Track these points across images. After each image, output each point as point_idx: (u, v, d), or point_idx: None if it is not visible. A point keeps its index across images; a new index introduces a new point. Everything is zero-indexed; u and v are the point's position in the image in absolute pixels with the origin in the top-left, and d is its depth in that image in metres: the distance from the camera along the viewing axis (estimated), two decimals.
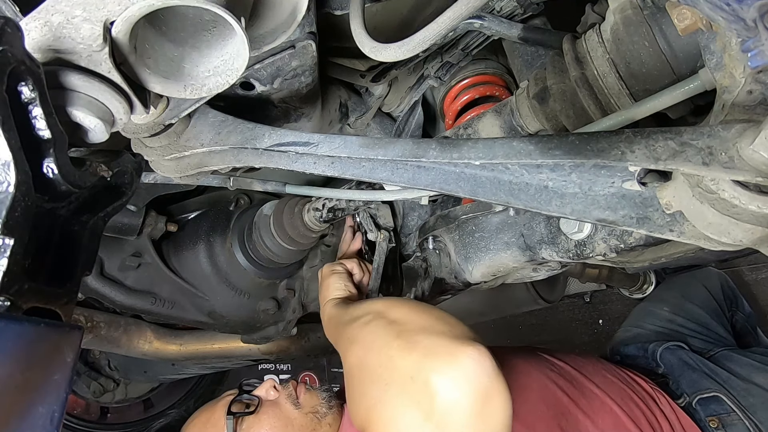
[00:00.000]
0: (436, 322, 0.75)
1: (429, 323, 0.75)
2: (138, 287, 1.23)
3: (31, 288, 0.45)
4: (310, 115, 1.04)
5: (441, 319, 0.76)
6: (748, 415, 1.24)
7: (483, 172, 0.69)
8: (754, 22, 0.41)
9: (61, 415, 0.43)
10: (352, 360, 0.81)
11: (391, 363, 0.71)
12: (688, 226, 0.61)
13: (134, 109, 0.63)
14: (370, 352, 0.77)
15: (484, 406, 0.65)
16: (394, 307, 0.83)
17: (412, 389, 0.67)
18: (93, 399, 1.93)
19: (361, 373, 0.77)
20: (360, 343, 0.81)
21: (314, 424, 1.11)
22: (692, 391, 1.33)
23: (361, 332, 0.82)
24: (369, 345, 0.78)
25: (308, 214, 1.13)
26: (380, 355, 0.74)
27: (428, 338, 0.71)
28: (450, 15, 0.64)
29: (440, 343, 0.69)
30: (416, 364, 0.68)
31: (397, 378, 0.69)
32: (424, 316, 0.78)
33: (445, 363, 0.66)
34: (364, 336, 0.80)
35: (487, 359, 0.67)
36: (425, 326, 0.74)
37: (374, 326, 0.80)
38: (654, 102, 0.71)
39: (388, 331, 0.76)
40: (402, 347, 0.71)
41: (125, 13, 0.52)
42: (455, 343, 0.68)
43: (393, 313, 0.80)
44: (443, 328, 0.73)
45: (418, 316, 0.78)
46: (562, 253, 0.89)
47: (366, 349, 0.78)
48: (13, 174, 0.41)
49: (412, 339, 0.72)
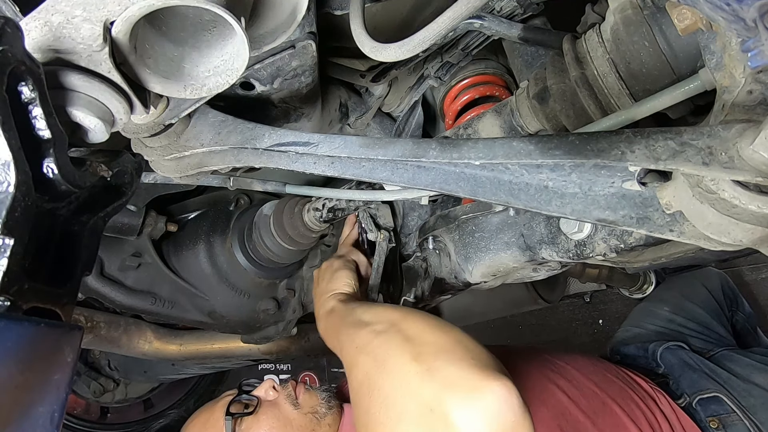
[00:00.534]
0: (457, 346, 0.69)
1: (449, 346, 0.69)
2: (138, 287, 1.23)
3: (31, 288, 0.45)
4: (310, 115, 1.04)
5: (461, 343, 0.70)
6: (749, 416, 1.24)
7: (483, 172, 0.69)
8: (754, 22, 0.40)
9: (61, 415, 0.43)
10: (361, 375, 0.75)
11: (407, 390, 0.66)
12: (688, 226, 0.61)
13: (134, 109, 0.63)
14: (383, 373, 0.71)
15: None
16: (409, 320, 0.77)
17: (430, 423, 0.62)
18: (93, 399, 1.93)
19: (371, 394, 0.71)
20: (371, 355, 0.75)
21: (313, 424, 1.10)
22: (692, 391, 1.33)
23: (372, 343, 0.76)
24: (381, 362, 0.72)
25: (308, 214, 1.13)
26: (394, 378, 0.68)
27: (449, 366, 0.65)
28: (450, 15, 0.64)
29: (463, 374, 0.64)
30: (436, 396, 0.62)
31: (413, 409, 0.64)
32: (444, 337, 0.71)
33: (468, 398, 0.61)
34: (376, 348, 0.74)
35: (514, 396, 0.61)
36: (445, 349, 0.68)
37: (388, 339, 0.74)
38: (654, 102, 0.71)
39: (404, 350, 0.70)
40: (420, 374, 0.65)
41: (125, 13, 0.52)
42: (480, 375, 0.63)
43: (409, 328, 0.74)
44: (464, 354, 0.67)
45: (436, 336, 0.72)
46: (562, 253, 0.89)
47: (378, 367, 0.72)
48: (13, 174, 0.41)
49: (431, 365, 0.66)
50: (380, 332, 0.76)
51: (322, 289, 1.07)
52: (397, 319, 0.78)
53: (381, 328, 0.77)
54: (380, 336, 0.75)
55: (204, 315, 1.28)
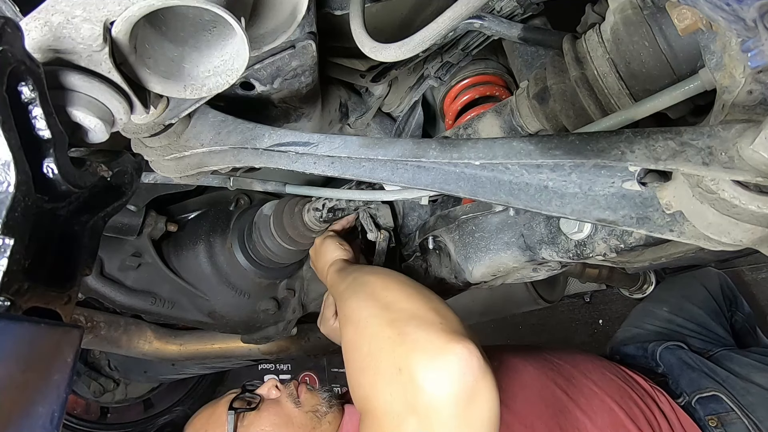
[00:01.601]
0: (429, 312, 0.75)
1: (422, 312, 0.75)
2: (138, 287, 1.23)
3: (31, 288, 0.45)
4: (310, 115, 1.04)
5: (433, 309, 0.76)
6: (747, 414, 1.24)
7: (483, 172, 0.69)
8: (754, 22, 0.40)
9: (61, 415, 0.43)
10: (346, 339, 0.83)
11: (381, 353, 0.72)
12: (688, 226, 0.61)
13: (134, 109, 0.63)
14: (362, 338, 0.78)
15: (469, 405, 0.65)
16: (388, 288, 0.84)
17: (399, 381, 0.68)
18: (93, 399, 1.93)
19: (354, 357, 0.80)
20: (353, 323, 0.82)
21: (314, 422, 1.12)
22: (691, 390, 1.33)
23: (355, 312, 0.83)
24: (361, 329, 0.79)
25: (308, 214, 1.13)
26: (371, 343, 0.76)
27: (418, 331, 0.71)
28: (450, 15, 0.64)
29: (430, 338, 0.69)
30: (404, 358, 0.68)
31: (385, 369, 0.70)
32: (417, 303, 0.78)
33: (432, 359, 0.66)
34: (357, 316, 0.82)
35: (474, 358, 0.66)
36: (417, 315, 0.75)
37: (366, 308, 0.81)
38: (654, 102, 0.71)
39: (381, 317, 0.77)
40: (392, 339, 0.72)
41: (125, 13, 0.52)
42: (445, 338, 0.68)
43: (387, 295, 0.81)
44: (435, 319, 0.73)
45: (410, 302, 0.79)
46: (562, 253, 0.89)
47: (358, 333, 0.80)
48: (13, 174, 0.41)
49: (403, 330, 0.72)
50: (361, 300, 0.84)
51: (320, 269, 1.13)
52: (377, 287, 0.85)
53: (362, 296, 0.85)
54: (361, 304, 0.83)
55: (204, 315, 1.28)
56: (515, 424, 1.03)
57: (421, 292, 0.82)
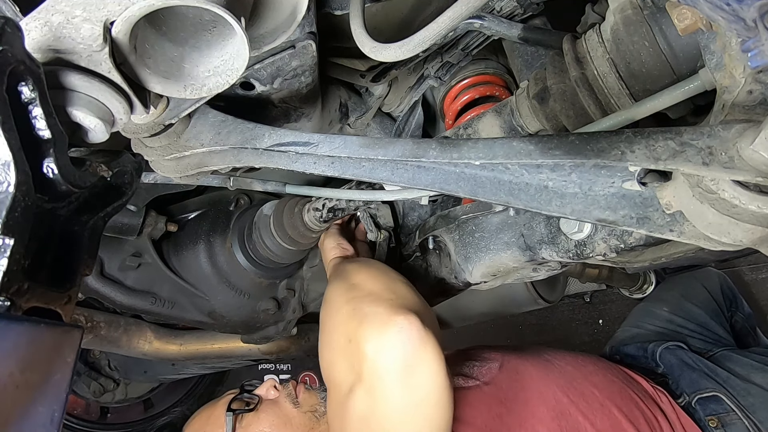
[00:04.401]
0: (385, 291, 0.80)
1: (379, 290, 0.80)
2: (138, 287, 1.23)
3: (31, 288, 0.45)
4: (310, 115, 1.04)
5: (390, 288, 0.81)
6: (748, 415, 1.24)
7: (483, 172, 0.69)
8: (754, 22, 0.40)
9: (61, 415, 0.43)
10: (320, 319, 0.89)
11: (337, 326, 0.79)
12: (688, 226, 0.61)
13: (134, 109, 0.63)
14: (328, 315, 0.85)
15: (410, 373, 0.69)
16: (357, 272, 0.89)
17: (348, 353, 0.73)
18: (93, 399, 1.93)
19: (321, 333, 0.86)
20: (325, 303, 0.88)
21: (312, 422, 1.12)
22: (691, 390, 1.33)
23: (328, 294, 0.89)
24: (329, 307, 0.86)
25: (308, 214, 1.13)
26: (332, 319, 0.82)
27: (370, 306, 0.76)
28: (450, 15, 0.64)
29: (378, 311, 0.74)
30: (353, 330, 0.74)
31: (339, 342, 0.76)
32: (378, 283, 0.83)
33: (374, 330, 0.71)
34: (328, 296, 0.88)
35: (414, 329, 0.70)
36: (374, 293, 0.80)
37: (336, 290, 0.87)
38: (654, 102, 0.71)
39: (345, 296, 0.82)
40: (348, 313, 0.78)
41: (125, 13, 0.52)
42: (389, 312, 0.73)
43: (355, 277, 0.87)
44: (389, 296, 0.78)
45: (373, 282, 0.84)
46: (562, 253, 0.89)
47: (327, 311, 0.86)
48: (13, 174, 0.41)
49: (357, 306, 0.78)
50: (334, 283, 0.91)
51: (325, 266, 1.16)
52: (351, 272, 0.91)
53: (337, 280, 0.91)
54: (333, 286, 0.90)
55: (204, 315, 1.28)
56: (515, 425, 1.03)
57: (386, 275, 0.88)
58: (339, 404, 0.76)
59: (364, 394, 0.70)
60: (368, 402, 0.71)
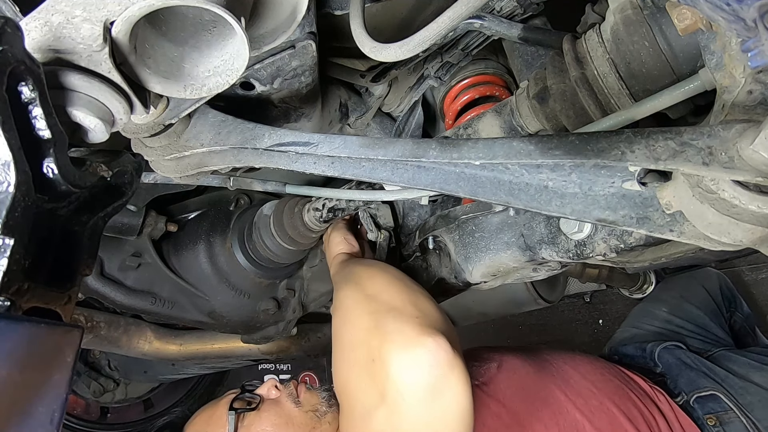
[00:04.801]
0: (408, 306, 0.77)
1: (401, 305, 0.77)
2: (138, 287, 1.23)
3: (31, 288, 0.45)
4: (310, 115, 1.04)
5: (413, 303, 0.77)
6: (746, 413, 1.25)
7: (483, 172, 0.69)
8: (754, 22, 0.40)
9: (61, 415, 0.43)
10: (334, 327, 0.85)
11: (359, 341, 0.75)
12: (688, 226, 0.61)
13: (134, 109, 0.63)
14: (344, 327, 0.81)
15: (436, 397, 0.66)
16: (373, 279, 0.86)
17: (372, 371, 0.70)
18: (93, 399, 1.93)
19: (336, 345, 0.83)
20: (339, 312, 0.85)
21: (314, 422, 1.12)
22: (690, 389, 1.33)
23: (343, 302, 0.86)
24: (344, 318, 0.82)
25: (308, 214, 1.13)
26: (351, 332, 0.79)
27: (395, 322, 0.73)
28: (450, 15, 0.64)
29: (404, 329, 0.71)
30: (378, 348, 0.70)
31: (361, 358, 0.73)
32: (399, 296, 0.80)
33: (402, 350, 0.68)
34: (343, 305, 0.85)
35: (443, 351, 0.68)
36: (396, 307, 0.76)
37: (351, 298, 0.84)
38: (654, 102, 0.71)
39: (363, 308, 0.79)
40: (369, 329, 0.74)
41: (125, 13, 0.52)
42: (417, 331, 0.70)
43: (372, 286, 0.84)
44: (413, 312, 0.75)
45: (392, 294, 0.80)
46: (562, 253, 0.89)
47: (342, 322, 0.83)
48: (13, 174, 0.41)
49: (380, 321, 0.74)
50: (348, 293, 0.86)
51: (328, 259, 1.15)
52: (364, 278, 0.88)
53: (350, 286, 0.87)
54: (348, 296, 0.86)
55: (204, 315, 1.28)
56: (514, 425, 1.03)
57: (406, 285, 0.84)
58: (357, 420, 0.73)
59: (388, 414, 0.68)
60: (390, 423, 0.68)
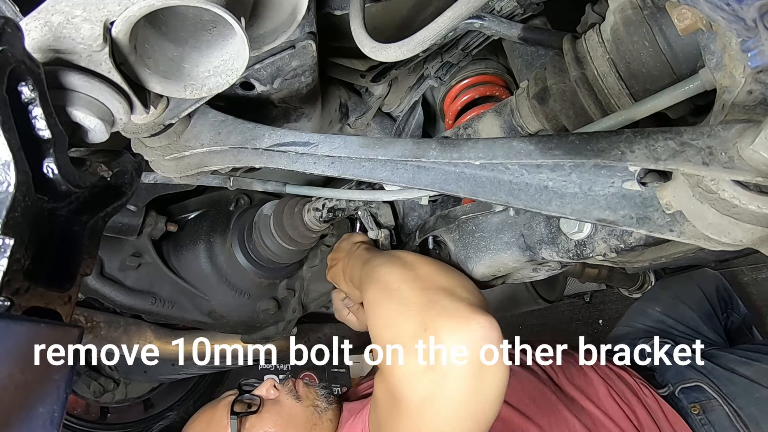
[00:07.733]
0: (457, 288, 0.81)
1: (451, 287, 0.81)
2: (138, 287, 1.23)
3: (31, 288, 0.45)
4: (310, 115, 1.04)
5: (462, 286, 0.82)
6: (728, 402, 1.29)
7: (483, 172, 0.69)
8: (754, 22, 0.40)
9: (61, 415, 0.43)
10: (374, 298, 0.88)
11: (409, 314, 0.77)
12: (688, 226, 0.61)
13: (134, 109, 0.63)
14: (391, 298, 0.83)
15: (482, 374, 0.69)
16: (421, 261, 0.90)
17: (423, 338, 0.72)
18: (93, 399, 1.93)
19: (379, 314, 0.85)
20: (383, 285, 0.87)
21: (315, 418, 1.13)
22: (676, 381, 1.38)
23: (387, 276, 0.88)
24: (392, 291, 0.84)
25: (308, 214, 1.13)
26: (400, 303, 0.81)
27: (447, 300, 0.77)
28: (450, 15, 0.64)
29: (458, 306, 0.75)
30: (432, 319, 0.74)
31: (410, 327, 0.75)
32: (448, 279, 0.84)
33: (457, 324, 0.72)
34: (389, 279, 0.87)
35: (494, 331, 0.72)
36: (448, 288, 0.80)
37: (399, 274, 0.87)
38: (654, 102, 0.71)
39: (414, 285, 0.82)
40: (422, 303, 0.78)
41: (125, 13, 0.52)
42: (471, 309, 0.74)
43: (421, 268, 0.88)
44: (463, 294, 0.79)
45: (442, 277, 0.85)
46: (562, 253, 0.89)
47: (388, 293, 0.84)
48: (13, 174, 0.41)
49: (432, 297, 0.78)
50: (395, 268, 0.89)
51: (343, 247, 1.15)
52: (411, 260, 0.91)
53: (397, 265, 0.90)
54: (395, 271, 0.89)
55: (204, 315, 1.28)
56: (514, 417, 1.05)
57: (453, 271, 0.89)
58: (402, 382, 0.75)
59: (431, 384, 0.70)
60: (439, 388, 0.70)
